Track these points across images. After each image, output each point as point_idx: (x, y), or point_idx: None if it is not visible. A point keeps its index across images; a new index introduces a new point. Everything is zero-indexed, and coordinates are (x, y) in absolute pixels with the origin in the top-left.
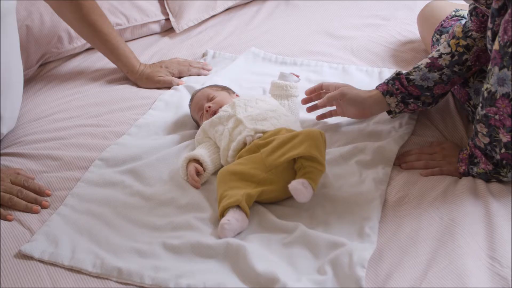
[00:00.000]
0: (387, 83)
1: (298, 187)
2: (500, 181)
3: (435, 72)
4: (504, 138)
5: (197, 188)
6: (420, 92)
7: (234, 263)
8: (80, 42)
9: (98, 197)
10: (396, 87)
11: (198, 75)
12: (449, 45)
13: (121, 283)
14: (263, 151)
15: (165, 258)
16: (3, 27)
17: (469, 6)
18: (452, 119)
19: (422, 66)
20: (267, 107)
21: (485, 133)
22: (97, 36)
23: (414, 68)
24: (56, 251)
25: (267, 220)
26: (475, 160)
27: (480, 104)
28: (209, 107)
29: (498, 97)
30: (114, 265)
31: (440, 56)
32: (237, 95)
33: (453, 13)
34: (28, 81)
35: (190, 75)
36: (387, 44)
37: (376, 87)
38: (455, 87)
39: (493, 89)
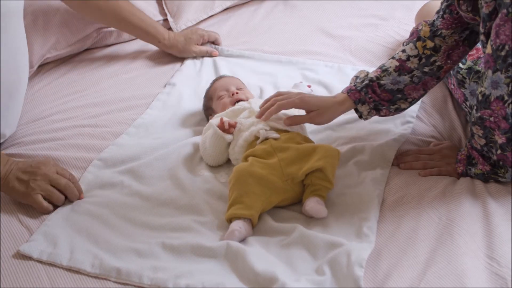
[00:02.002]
0: (360, 90)
1: (317, 207)
2: (498, 182)
3: (405, 75)
4: (500, 139)
5: (229, 132)
6: (392, 96)
7: (233, 263)
8: (78, 43)
9: (97, 197)
10: (369, 96)
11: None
12: (415, 47)
13: (119, 283)
14: (282, 160)
15: (164, 258)
16: (10, 28)
17: (441, 4)
18: (450, 119)
19: (391, 69)
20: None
21: (481, 135)
22: (120, 21)
23: (382, 70)
24: (55, 251)
25: (266, 223)
26: (473, 161)
27: (475, 107)
28: (237, 92)
29: (492, 99)
30: (112, 265)
31: (408, 59)
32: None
33: None
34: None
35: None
36: (385, 44)
37: (347, 92)
38: (452, 87)
39: (487, 92)
